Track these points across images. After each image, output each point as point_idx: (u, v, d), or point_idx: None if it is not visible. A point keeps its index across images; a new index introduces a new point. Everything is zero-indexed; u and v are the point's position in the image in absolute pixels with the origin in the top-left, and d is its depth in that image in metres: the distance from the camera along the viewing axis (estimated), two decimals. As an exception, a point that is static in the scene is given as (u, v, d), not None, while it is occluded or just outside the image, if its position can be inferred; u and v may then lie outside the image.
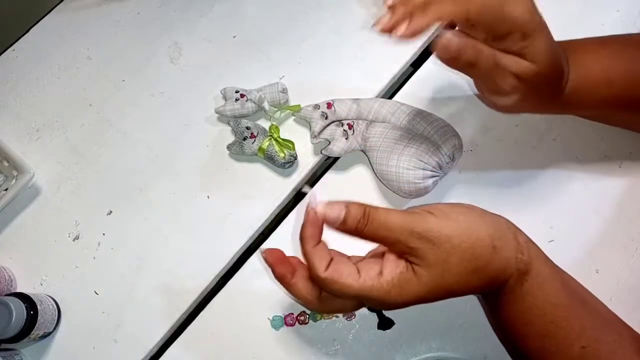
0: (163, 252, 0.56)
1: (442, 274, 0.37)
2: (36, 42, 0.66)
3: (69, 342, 0.53)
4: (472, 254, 0.37)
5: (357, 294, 0.38)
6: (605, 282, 0.51)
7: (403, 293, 0.37)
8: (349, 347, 0.51)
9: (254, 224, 0.56)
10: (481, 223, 0.38)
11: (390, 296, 0.37)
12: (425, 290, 0.37)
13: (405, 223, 0.37)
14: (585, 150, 0.56)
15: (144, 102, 0.62)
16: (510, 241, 0.39)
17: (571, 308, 0.39)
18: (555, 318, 0.39)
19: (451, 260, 0.37)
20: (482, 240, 0.38)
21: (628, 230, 0.53)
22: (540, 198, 0.55)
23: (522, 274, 0.39)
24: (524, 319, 0.40)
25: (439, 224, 0.37)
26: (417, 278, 0.37)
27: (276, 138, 0.56)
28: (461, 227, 0.37)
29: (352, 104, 0.55)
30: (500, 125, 0.57)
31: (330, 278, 0.38)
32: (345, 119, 0.55)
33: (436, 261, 0.37)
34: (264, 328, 0.52)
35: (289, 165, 0.56)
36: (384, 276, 0.37)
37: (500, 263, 0.38)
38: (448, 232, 0.37)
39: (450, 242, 0.37)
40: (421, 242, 0.37)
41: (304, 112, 0.56)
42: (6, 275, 0.55)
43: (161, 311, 0.54)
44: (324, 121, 0.55)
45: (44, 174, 0.59)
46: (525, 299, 0.39)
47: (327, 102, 0.56)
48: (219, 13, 0.65)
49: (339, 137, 0.54)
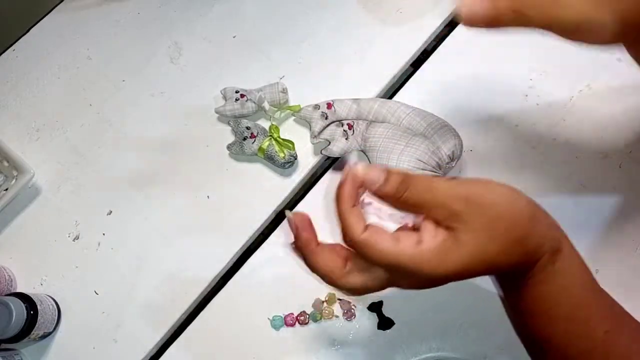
0: (163, 252, 0.56)
1: (488, 241, 0.35)
2: (36, 42, 0.66)
3: (69, 342, 0.53)
4: (515, 222, 0.35)
5: (394, 263, 0.35)
6: (606, 282, 0.51)
7: (444, 263, 0.35)
8: (349, 347, 0.51)
9: (254, 224, 0.56)
10: (520, 194, 0.37)
11: (431, 266, 0.34)
12: (467, 260, 0.35)
13: (449, 186, 0.35)
14: (585, 150, 0.56)
15: (144, 102, 0.62)
16: (545, 217, 0.38)
17: (595, 293, 0.39)
18: (583, 300, 0.38)
19: (498, 227, 0.35)
20: (523, 212, 0.36)
21: (628, 230, 0.53)
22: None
23: (555, 252, 0.37)
24: (553, 300, 0.38)
25: (483, 189, 0.36)
26: (461, 245, 0.35)
27: (276, 138, 0.56)
28: (505, 195, 0.36)
29: (352, 104, 0.55)
30: (500, 125, 0.57)
31: (368, 241, 0.35)
32: (345, 119, 0.55)
33: (482, 227, 0.35)
34: (264, 328, 0.52)
35: (289, 165, 0.56)
36: (424, 244, 0.35)
37: (538, 237, 0.37)
38: (493, 198, 0.35)
39: (496, 208, 0.35)
40: (467, 206, 0.35)
41: (304, 112, 0.56)
42: (6, 275, 0.55)
43: (161, 311, 0.54)
44: (323, 121, 0.55)
45: (44, 174, 0.59)
46: (555, 278, 0.37)
47: (327, 103, 0.55)
48: (219, 13, 0.65)
49: (339, 137, 0.54)
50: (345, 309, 0.52)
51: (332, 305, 0.52)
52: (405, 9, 0.63)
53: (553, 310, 0.39)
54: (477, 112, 0.58)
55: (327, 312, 0.52)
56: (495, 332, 0.50)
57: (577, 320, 0.38)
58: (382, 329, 0.51)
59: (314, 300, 0.52)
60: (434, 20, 0.62)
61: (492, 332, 0.50)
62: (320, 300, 0.52)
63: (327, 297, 0.52)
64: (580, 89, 0.58)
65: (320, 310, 0.52)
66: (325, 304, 0.52)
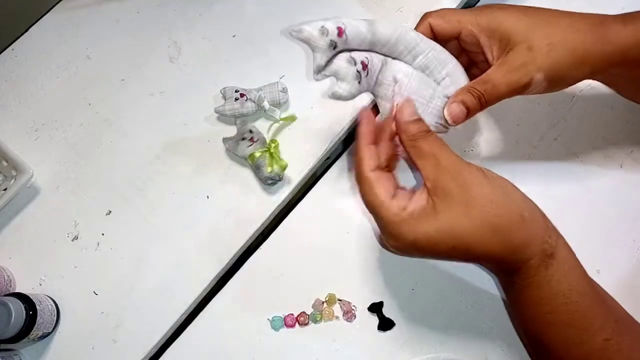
0: (163, 252, 0.55)
1: (462, 218, 0.37)
2: (35, 42, 0.65)
3: (68, 343, 0.53)
4: (497, 212, 0.37)
5: (377, 212, 0.39)
6: (607, 282, 0.51)
7: (415, 228, 0.38)
8: (349, 348, 0.51)
9: (253, 224, 0.56)
10: (517, 193, 0.40)
11: (403, 227, 0.38)
12: (437, 229, 0.37)
13: (451, 163, 0.39)
14: (587, 150, 0.56)
15: (144, 102, 0.62)
16: (540, 221, 0.39)
17: (595, 300, 0.39)
18: (581, 307, 0.39)
19: (474, 205, 0.37)
20: (512, 206, 0.38)
21: (629, 230, 0.53)
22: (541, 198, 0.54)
23: (547, 256, 0.39)
24: (549, 305, 0.39)
25: (476, 173, 0.39)
26: (435, 214, 0.38)
27: (272, 152, 0.54)
28: (496, 186, 0.39)
29: (366, 33, 0.44)
30: (502, 124, 0.57)
31: (370, 181, 0.40)
32: (355, 50, 0.45)
33: (459, 202, 0.37)
34: (263, 328, 0.52)
35: (271, 183, 0.55)
36: (407, 208, 0.39)
37: (525, 236, 0.38)
38: (481, 180, 0.38)
39: (481, 191, 0.38)
40: (454, 183, 0.38)
41: (307, 35, 0.43)
42: (5, 275, 0.54)
43: (161, 311, 0.54)
44: (331, 51, 0.44)
45: (43, 174, 0.59)
46: (550, 283, 0.39)
47: (337, 26, 0.43)
48: (218, 12, 0.65)
49: (351, 79, 0.45)
50: (345, 310, 0.52)
51: (332, 306, 0.52)
52: (405, 8, 0.63)
53: (551, 315, 0.40)
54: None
55: (327, 313, 0.52)
56: (495, 333, 0.50)
57: (575, 327, 0.39)
58: (383, 330, 0.51)
59: (314, 300, 0.52)
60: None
61: (493, 333, 0.50)
62: (320, 301, 0.52)
63: (327, 297, 0.52)
64: (581, 89, 0.58)
65: (320, 311, 0.52)
66: (325, 304, 0.52)
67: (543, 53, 0.42)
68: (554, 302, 0.39)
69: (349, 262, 0.54)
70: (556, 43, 0.42)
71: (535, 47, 0.42)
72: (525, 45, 0.42)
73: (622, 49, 0.42)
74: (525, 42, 0.42)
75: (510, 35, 0.43)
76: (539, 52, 0.42)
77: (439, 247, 0.38)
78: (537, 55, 0.42)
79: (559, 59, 0.42)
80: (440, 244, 0.38)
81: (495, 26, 0.44)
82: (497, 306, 0.51)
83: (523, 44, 0.42)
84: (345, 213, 0.55)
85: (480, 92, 0.43)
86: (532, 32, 0.42)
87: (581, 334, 0.39)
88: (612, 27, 0.43)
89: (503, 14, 0.44)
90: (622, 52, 0.43)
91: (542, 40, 0.42)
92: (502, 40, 0.43)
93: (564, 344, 0.40)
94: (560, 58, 0.42)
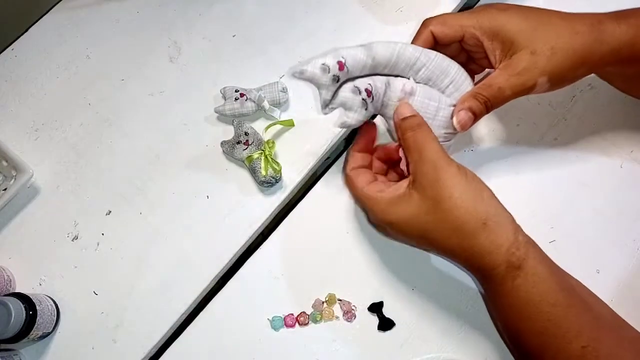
0: (162, 252, 0.55)
1: (428, 212, 0.41)
2: (35, 42, 0.65)
3: (68, 343, 0.53)
4: (460, 215, 0.40)
5: (358, 196, 0.47)
6: (606, 282, 0.51)
7: (389, 211, 0.44)
8: (349, 348, 0.51)
9: (254, 224, 0.56)
10: (485, 200, 0.41)
11: (380, 210, 0.44)
12: (409, 215, 0.42)
13: (433, 162, 0.42)
14: (587, 149, 0.56)
15: (143, 102, 0.62)
16: (506, 232, 0.40)
17: (570, 308, 0.40)
18: (553, 317, 0.39)
19: (441, 204, 0.41)
20: (477, 212, 0.40)
21: (629, 230, 0.53)
22: (541, 198, 0.54)
23: (513, 267, 0.40)
24: (520, 314, 0.41)
25: (454, 173, 0.41)
26: (408, 202, 0.43)
27: (266, 155, 0.54)
28: (470, 189, 0.41)
29: (366, 59, 0.46)
30: (501, 124, 0.57)
31: (350, 176, 0.48)
32: (357, 78, 0.47)
33: (430, 197, 0.41)
34: (263, 328, 0.52)
35: (267, 185, 0.55)
36: (385, 192, 0.45)
37: (486, 244, 0.40)
38: (456, 181, 0.41)
39: (452, 192, 0.41)
40: (428, 176, 0.42)
41: (309, 75, 0.45)
42: (5, 275, 0.54)
43: (161, 311, 0.54)
44: (334, 86, 0.46)
45: (43, 174, 0.59)
46: (518, 294, 0.40)
47: (338, 61, 0.45)
48: (218, 12, 0.65)
49: (358, 107, 0.46)
50: (345, 310, 0.52)
51: (332, 306, 0.52)
52: (405, 8, 0.63)
53: (523, 323, 0.41)
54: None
55: (327, 313, 0.52)
56: (495, 333, 0.50)
57: (549, 336, 0.40)
58: (383, 330, 0.51)
59: (314, 300, 0.52)
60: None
61: (493, 333, 0.50)
62: (320, 301, 0.52)
63: (327, 297, 0.52)
64: (581, 89, 0.58)
65: (320, 311, 0.52)
66: (325, 304, 0.52)
67: (546, 57, 0.43)
68: (525, 311, 0.40)
69: (349, 262, 0.54)
70: (558, 47, 0.43)
71: (538, 51, 0.43)
72: (528, 49, 0.43)
73: (616, 48, 0.44)
74: (529, 46, 0.43)
75: (513, 39, 0.44)
76: (542, 56, 0.43)
77: (410, 232, 0.43)
78: (540, 59, 0.43)
79: (561, 62, 0.43)
80: (411, 230, 0.43)
81: (497, 29, 0.45)
82: (497, 306, 0.51)
83: (526, 48, 0.43)
84: (345, 213, 0.55)
85: (486, 97, 0.45)
86: (534, 36, 0.43)
87: (556, 342, 0.39)
88: (607, 26, 0.44)
89: (504, 17, 0.45)
90: (616, 51, 0.44)
91: (544, 44, 0.43)
92: (505, 43, 0.44)
93: (539, 350, 0.40)
94: (562, 61, 0.43)
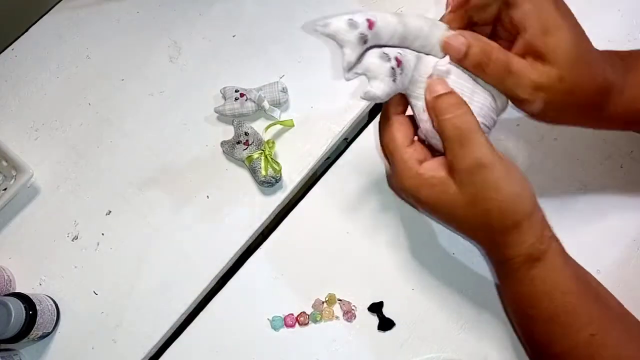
0: (162, 252, 0.55)
1: (461, 206, 0.39)
2: (35, 42, 0.65)
3: (68, 343, 0.53)
4: (497, 216, 0.39)
5: (393, 154, 0.41)
6: (607, 282, 0.51)
7: (421, 189, 0.40)
8: (349, 347, 0.51)
9: (254, 224, 0.56)
10: (524, 200, 0.40)
11: (412, 181, 0.40)
12: (443, 201, 0.40)
13: (481, 150, 0.39)
14: (587, 150, 0.56)
15: (143, 102, 0.62)
16: (535, 230, 0.40)
17: (581, 298, 0.40)
18: (564, 304, 0.40)
19: (477, 205, 0.39)
20: (513, 213, 0.39)
21: (629, 230, 0.53)
22: (540, 198, 0.54)
23: (533, 259, 0.40)
24: (532, 301, 0.41)
25: (497, 173, 0.39)
26: (443, 189, 0.40)
27: (266, 155, 0.54)
28: (511, 190, 0.39)
29: (396, 24, 0.40)
30: (501, 124, 0.57)
31: (390, 121, 0.41)
32: (386, 45, 0.41)
33: (467, 193, 0.39)
34: (263, 328, 0.52)
35: (268, 185, 0.55)
36: (423, 166, 0.40)
37: (513, 239, 0.40)
38: (499, 182, 0.39)
39: (492, 195, 0.39)
40: (469, 174, 0.39)
41: (334, 29, 0.38)
42: (5, 275, 0.54)
43: (161, 311, 0.54)
44: (361, 46, 0.39)
45: (43, 174, 0.59)
46: (533, 282, 0.41)
47: (367, 18, 0.39)
48: (218, 12, 0.65)
49: (385, 76, 0.40)
50: (345, 310, 0.52)
51: (332, 306, 0.52)
52: (405, 8, 0.63)
53: (533, 310, 0.42)
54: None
55: (327, 313, 0.52)
56: (495, 332, 0.50)
57: (558, 323, 0.40)
58: (383, 330, 0.51)
59: (314, 300, 0.52)
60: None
61: (492, 332, 0.50)
62: (320, 301, 0.52)
63: (327, 297, 0.52)
64: (581, 89, 0.58)
65: (320, 311, 0.52)
66: (325, 304, 0.52)
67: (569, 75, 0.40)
68: (536, 299, 0.41)
69: (349, 262, 0.54)
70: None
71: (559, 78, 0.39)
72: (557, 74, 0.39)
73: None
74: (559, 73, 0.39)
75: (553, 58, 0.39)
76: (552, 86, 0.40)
77: (436, 212, 0.41)
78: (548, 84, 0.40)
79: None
80: (438, 211, 0.41)
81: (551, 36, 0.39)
82: (497, 306, 0.51)
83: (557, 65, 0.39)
84: (345, 213, 0.55)
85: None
86: (567, 69, 0.39)
87: (564, 329, 0.40)
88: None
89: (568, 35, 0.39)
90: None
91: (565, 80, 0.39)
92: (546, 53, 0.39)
93: (547, 336, 0.41)
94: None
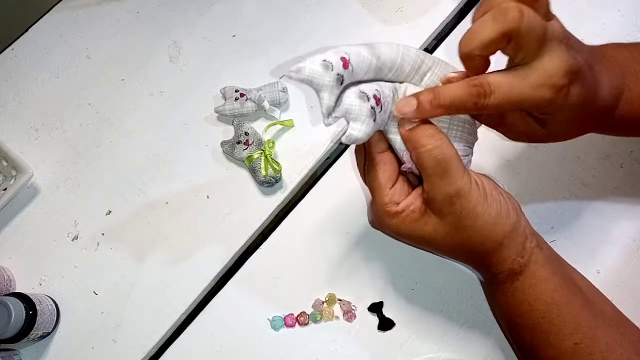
0: (162, 252, 0.55)
1: (445, 236, 0.39)
2: (35, 42, 0.65)
3: (68, 343, 0.53)
4: (476, 241, 0.39)
5: (373, 193, 0.41)
6: (607, 282, 0.51)
7: (401, 225, 0.40)
8: (349, 348, 0.51)
9: (254, 224, 0.56)
10: (503, 220, 0.39)
11: (390, 219, 0.40)
12: (423, 233, 0.40)
13: (458, 182, 0.38)
14: (587, 150, 0.56)
15: (144, 102, 0.62)
16: (517, 245, 0.40)
17: (566, 306, 0.40)
18: (547, 314, 0.40)
19: (460, 232, 0.39)
20: (494, 235, 0.39)
21: (629, 230, 0.53)
22: (540, 198, 0.54)
23: (514, 273, 0.40)
24: (515, 311, 0.42)
25: (474, 200, 0.38)
26: (423, 222, 0.40)
27: (266, 155, 0.54)
28: (489, 216, 0.38)
29: (371, 58, 0.38)
30: (501, 124, 0.57)
31: (375, 161, 0.41)
32: (361, 82, 0.39)
33: (449, 224, 0.39)
34: (263, 328, 0.52)
35: (267, 185, 0.55)
36: (399, 205, 0.40)
37: (496, 259, 0.40)
38: (478, 209, 0.38)
39: (473, 223, 0.38)
40: (448, 205, 0.38)
41: (309, 74, 0.35)
42: (5, 275, 0.54)
43: (161, 311, 0.54)
44: (339, 88, 0.37)
45: (43, 174, 0.59)
46: (514, 294, 0.41)
47: (341, 57, 0.36)
48: (218, 12, 0.65)
49: (366, 117, 0.37)
50: (345, 310, 0.52)
51: (332, 306, 0.52)
52: (405, 8, 0.63)
53: (518, 319, 0.42)
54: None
55: (327, 313, 0.52)
56: (495, 333, 0.50)
57: (542, 332, 0.40)
58: (383, 330, 0.51)
59: (314, 300, 0.52)
60: (435, 20, 0.62)
61: (493, 333, 0.50)
62: (320, 301, 0.52)
63: (327, 297, 0.52)
64: (581, 89, 0.58)
65: (320, 311, 0.52)
66: (325, 304, 0.52)
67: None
68: (520, 308, 0.41)
69: (349, 262, 0.54)
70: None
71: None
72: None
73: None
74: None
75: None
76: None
77: (418, 243, 0.41)
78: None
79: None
80: (420, 243, 0.41)
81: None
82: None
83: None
84: (345, 213, 0.55)
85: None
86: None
87: (548, 338, 0.40)
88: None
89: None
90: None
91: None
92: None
93: (531, 344, 0.41)
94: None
